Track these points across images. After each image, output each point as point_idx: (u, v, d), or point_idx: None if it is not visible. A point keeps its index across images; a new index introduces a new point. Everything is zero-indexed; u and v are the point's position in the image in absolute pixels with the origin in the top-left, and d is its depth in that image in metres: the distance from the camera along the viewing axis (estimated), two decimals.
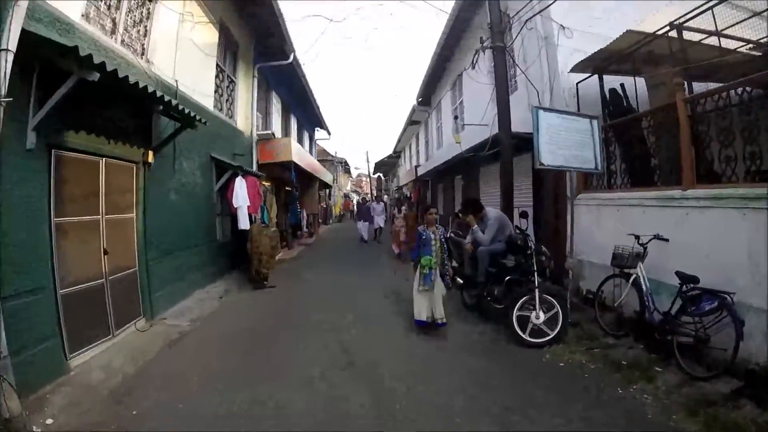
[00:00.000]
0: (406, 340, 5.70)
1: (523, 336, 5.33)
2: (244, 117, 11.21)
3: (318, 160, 22.74)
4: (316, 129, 23.91)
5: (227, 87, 10.30)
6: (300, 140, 19.19)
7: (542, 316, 5.35)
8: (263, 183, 11.68)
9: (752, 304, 4.12)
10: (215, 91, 9.40)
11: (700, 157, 5.32)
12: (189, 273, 7.45)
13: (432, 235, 5.82)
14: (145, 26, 6.55)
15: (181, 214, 7.22)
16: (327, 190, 28.11)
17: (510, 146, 7.81)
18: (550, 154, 5.72)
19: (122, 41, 5.92)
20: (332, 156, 36.32)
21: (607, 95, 7.41)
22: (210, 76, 9.01)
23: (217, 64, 9.44)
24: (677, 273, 4.62)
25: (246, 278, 8.78)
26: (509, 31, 8.40)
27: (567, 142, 5.90)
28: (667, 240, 5.18)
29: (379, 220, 17.87)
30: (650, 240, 5.28)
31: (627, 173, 6.82)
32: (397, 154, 34.11)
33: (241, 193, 8.44)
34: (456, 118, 9.86)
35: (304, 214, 18.53)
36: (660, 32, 6.17)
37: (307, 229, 19.13)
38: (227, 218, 9.25)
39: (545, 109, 5.96)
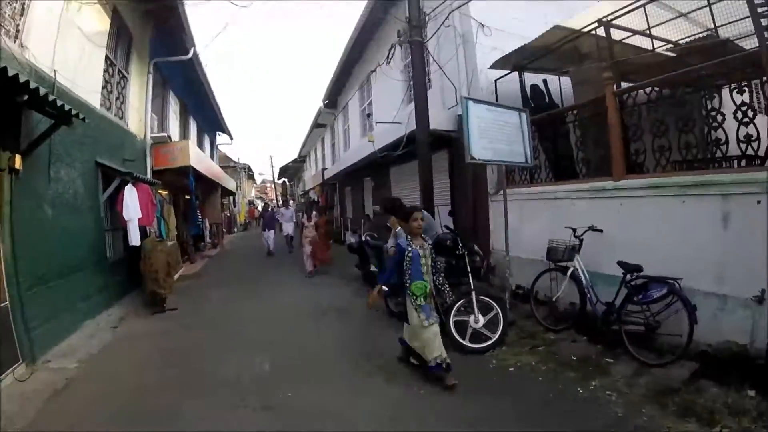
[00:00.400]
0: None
1: (464, 342, 5.01)
2: (138, 118, 9.98)
3: (220, 167, 21.41)
4: (217, 133, 22.45)
5: (118, 83, 9.08)
6: (200, 145, 17.89)
7: (482, 320, 5.08)
8: (159, 192, 10.55)
9: (699, 289, 4.24)
10: (104, 87, 8.20)
11: (627, 149, 5.40)
12: (75, 301, 6.30)
13: (419, 251, 4.28)
14: (23, 4, 5.48)
15: (61, 232, 6.07)
16: (231, 198, 26.60)
17: (428, 143, 7.58)
18: (481, 149, 5.44)
19: None
20: (235, 162, 34.69)
21: (528, 91, 7.43)
22: (98, 70, 7.83)
23: (107, 57, 8.24)
24: (620, 263, 4.63)
25: (144, 300, 7.72)
26: (425, 28, 8.12)
27: (497, 136, 5.68)
28: (601, 231, 5.25)
29: (288, 228, 16.09)
30: (585, 232, 5.32)
31: (550, 168, 6.91)
32: (302, 159, 33.35)
33: (131, 204, 7.37)
34: (369, 115, 9.47)
35: (207, 224, 17.22)
36: (587, 29, 6.18)
37: (210, 239, 17.80)
38: (119, 233, 8.06)
39: (475, 101, 5.67)
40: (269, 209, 19.34)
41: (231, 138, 22.68)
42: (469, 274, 5.28)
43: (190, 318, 7.05)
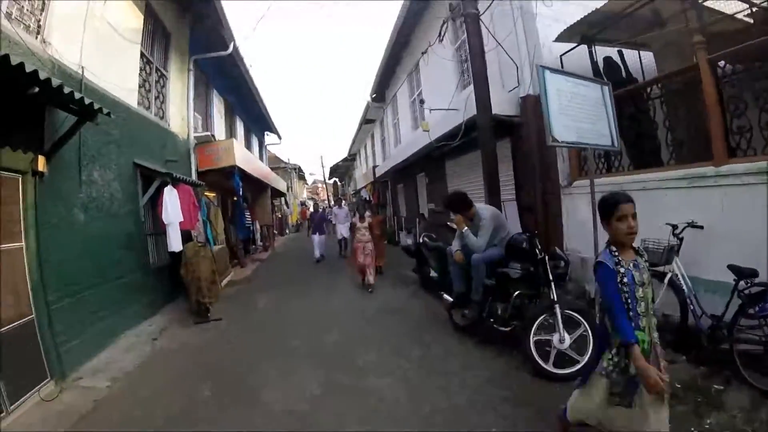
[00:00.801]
0: None
1: (546, 367, 4.09)
2: (180, 118, 9.62)
3: (270, 168, 21.15)
4: (265, 133, 22.28)
5: (157, 82, 8.73)
6: (248, 146, 17.63)
7: (567, 339, 4.17)
8: (205, 194, 10.15)
9: None
10: (141, 86, 7.88)
11: (727, 128, 4.41)
12: (112, 312, 5.87)
13: (634, 273, 2.37)
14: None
15: (96, 238, 5.65)
16: (282, 199, 26.45)
17: (490, 127, 6.68)
18: (563, 128, 4.52)
19: (9, 14, 4.50)
20: (285, 162, 34.70)
21: (601, 65, 6.46)
22: (133, 68, 7.47)
23: (143, 54, 7.89)
24: (731, 267, 3.72)
25: (189, 309, 7.22)
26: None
27: (579, 113, 4.75)
28: (701, 227, 4.36)
29: (343, 229, 13.71)
30: (684, 229, 4.38)
31: (629, 153, 5.93)
32: (352, 157, 33.01)
33: (171, 206, 6.90)
34: (422, 102, 8.68)
35: (257, 226, 16.92)
36: None
37: (261, 242, 17.52)
38: (163, 238, 7.62)
39: (553, 70, 4.74)
40: (318, 209, 15.76)
41: (279, 138, 22.41)
42: (552, 283, 4.40)
43: (235, 328, 6.46)
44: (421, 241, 7.94)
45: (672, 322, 4.41)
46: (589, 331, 4.12)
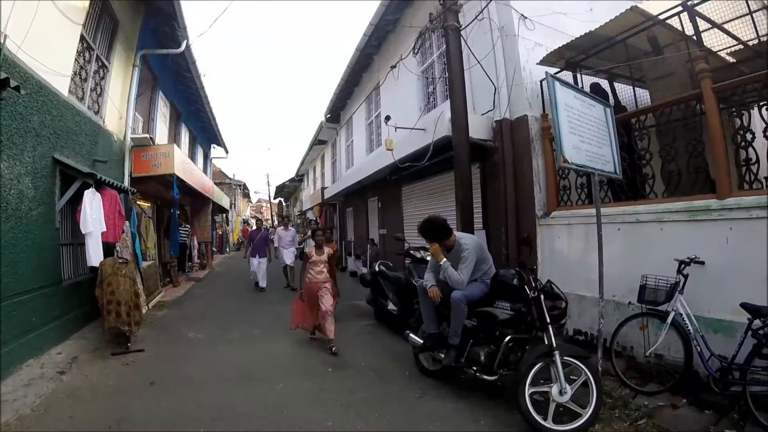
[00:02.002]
0: None
1: (545, 424, 3.44)
2: (117, 115, 8.58)
3: (215, 183, 19.98)
4: (212, 146, 21.12)
5: (96, 72, 7.73)
6: (192, 156, 16.46)
7: (569, 391, 3.55)
8: (137, 202, 9.06)
9: None
10: (76, 74, 6.94)
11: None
12: (12, 336, 4.75)
13: None
14: None
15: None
16: (223, 215, 25.11)
17: (468, 148, 6.28)
18: (573, 149, 3.99)
19: None
20: (230, 179, 33.42)
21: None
22: (69, 51, 6.50)
23: (83, 38, 6.92)
24: (744, 305, 3.51)
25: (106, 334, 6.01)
26: (460, 12, 6.81)
27: (588, 135, 4.24)
28: (702, 263, 4.13)
29: (288, 256, 11.36)
30: (686, 265, 4.12)
31: (609, 185, 5.67)
32: (299, 178, 32.24)
33: (91, 213, 5.84)
34: (387, 119, 8.06)
35: (195, 243, 15.68)
36: (666, 14, 5.20)
37: (198, 260, 16.23)
38: (81, 248, 6.45)
39: (562, 82, 4.18)
40: (262, 228, 12.34)
41: (227, 151, 21.37)
42: (548, 326, 3.80)
43: (157, 367, 5.23)
44: (377, 269, 7.34)
45: (673, 364, 4.16)
46: (592, 380, 3.56)
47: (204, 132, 18.16)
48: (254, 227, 12.06)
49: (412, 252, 6.91)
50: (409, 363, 5.16)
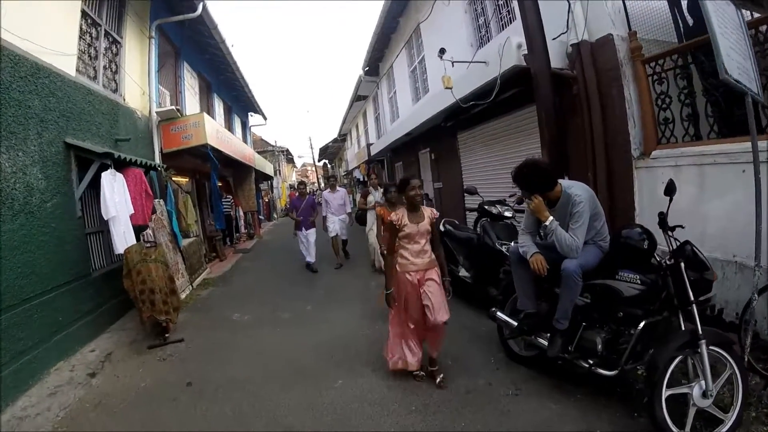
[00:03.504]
0: None
1: None
2: (139, 92, 8.10)
3: (257, 152, 19.61)
4: (249, 114, 20.63)
5: (108, 49, 7.22)
6: (230, 127, 16.04)
7: (713, 391, 2.71)
8: (174, 179, 8.68)
9: None
10: (84, 52, 6.43)
11: None
12: (40, 339, 4.50)
13: None
14: None
15: (5, 245, 4.23)
16: (268, 182, 24.94)
17: (549, 75, 5.34)
18: (734, 64, 2.99)
19: None
20: (272, 145, 33.16)
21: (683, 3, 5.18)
22: (69, 29, 5.93)
23: (86, 13, 6.38)
24: None
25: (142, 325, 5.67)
26: None
27: (732, 40, 3.13)
28: None
29: (338, 224, 9.42)
30: None
31: (714, 117, 4.53)
32: (342, 138, 31.64)
33: (112, 197, 5.41)
34: (442, 52, 7.13)
35: (241, 213, 15.45)
36: None
37: (245, 229, 16.06)
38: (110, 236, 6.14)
39: None
40: (306, 193, 9.75)
41: (265, 118, 20.76)
42: (693, 306, 2.86)
43: (197, 360, 4.78)
44: (442, 228, 6.34)
45: None
46: (738, 375, 2.80)
47: (238, 101, 17.64)
48: (296, 192, 9.71)
49: (487, 207, 5.89)
50: (493, 346, 4.40)
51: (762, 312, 3.53)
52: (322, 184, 46.69)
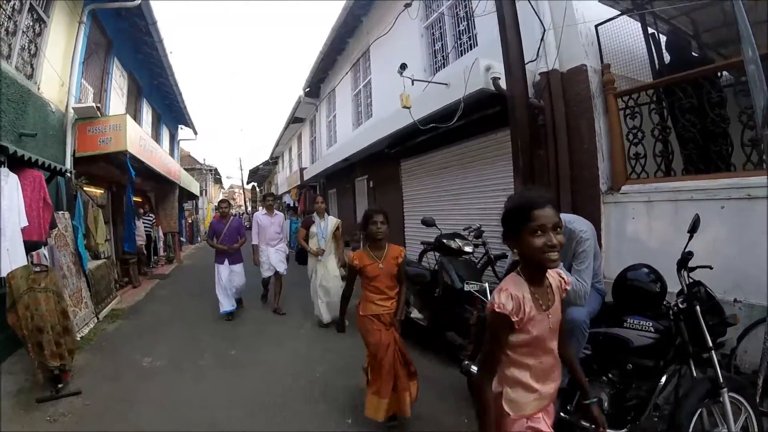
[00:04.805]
0: None
1: None
2: (58, 82, 6.91)
3: (185, 169, 18.14)
4: (179, 127, 19.19)
5: (31, 27, 6.16)
6: (157, 138, 14.67)
7: None
8: (86, 189, 7.43)
9: None
10: (0, 24, 5.42)
11: None
12: None
13: None
14: None
15: None
16: (193, 202, 23.28)
17: (526, 98, 4.99)
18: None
19: None
20: (201, 164, 31.45)
21: (663, 41, 5.29)
22: None
23: None
24: None
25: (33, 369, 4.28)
26: None
27: None
28: None
29: (274, 256, 7.23)
30: None
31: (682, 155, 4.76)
32: (274, 160, 30.68)
33: (3, 203, 4.28)
34: (403, 68, 6.57)
35: (161, 233, 13.98)
36: None
37: (165, 252, 14.55)
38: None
39: None
40: (229, 215, 7.58)
41: (195, 132, 19.39)
42: (713, 352, 2.51)
43: (99, 423, 3.61)
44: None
45: None
46: (755, 421, 2.52)
47: (170, 111, 16.28)
48: (218, 214, 7.46)
49: (445, 241, 5.16)
50: (464, 403, 3.67)
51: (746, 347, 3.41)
52: (249, 209, 44.94)
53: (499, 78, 5.36)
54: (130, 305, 8.02)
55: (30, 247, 4.79)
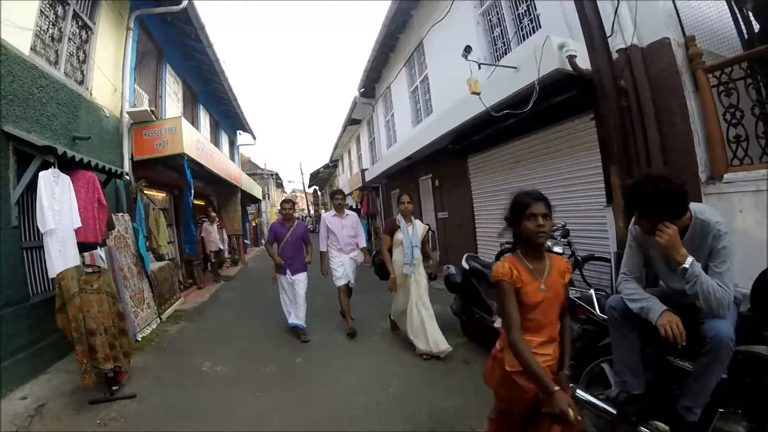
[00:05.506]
0: None
1: None
2: (111, 88, 6.99)
3: (248, 174, 18.44)
4: (238, 132, 19.55)
5: (77, 34, 6.23)
6: (217, 143, 14.88)
7: None
8: (146, 192, 7.47)
9: None
10: (44, 31, 5.41)
11: None
12: None
13: None
14: None
15: None
16: (257, 205, 23.71)
17: (613, 79, 4.37)
18: None
19: None
20: (262, 169, 32.07)
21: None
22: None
23: None
24: None
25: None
26: None
27: None
28: None
29: (349, 266, 6.00)
30: None
31: None
32: (334, 163, 30.63)
33: (52, 204, 4.16)
34: (468, 51, 6.04)
35: (225, 236, 14.18)
36: None
37: (229, 255, 14.76)
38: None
39: None
40: (295, 217, 6.31)
41: (254, 137, 19.67)
42: None
43: (154, 422, 3.52)
44: (466, 266, 5.12)
45: None
46: None
47: (227, 116, 16.57)
48: (281, 216, 6.26)
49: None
50: None
51: None
52: (312, 212, 45.44)
53: (575, 56, 4.81)
54: (194, 306, 8.04)
55: (86, 248, 4.76)
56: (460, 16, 8.29)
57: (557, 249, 4.43)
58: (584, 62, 4.73)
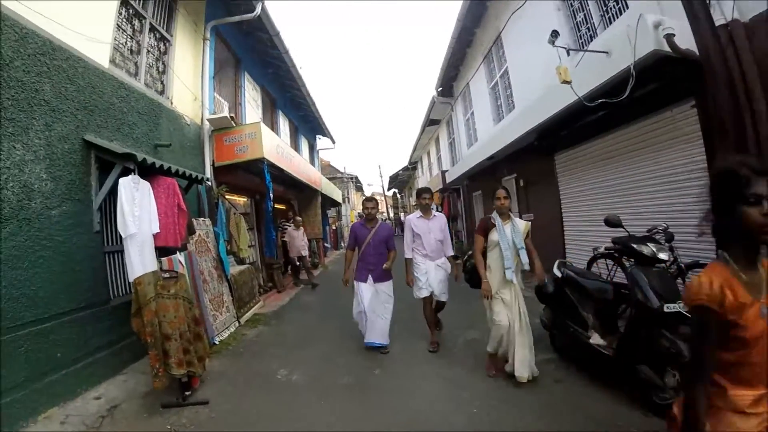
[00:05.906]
0: None
1: None
2: (191, 97, 7.19)
3: (327, 178, 18.71)
4: (317, 137, 19.89)
5: (155, 46, 6.42)
6: (296, 148, 15.20)
7: None
8: (226, 196, 7.60)
9: None
10: (124, 45, 5.64)
11: None
12: (24, 376, 3.44)
13: None
14: None
15: None
16: (337, 209, 24.01)
17: (720, 50, 3.86)
18: None
19: None
20: (341, 172, 32.50)
21: None
22: (103, 12, 5.08)
23: (127, 2, 5.61)
24: None
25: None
26: None
27: None
28: None
29: (434, 275, 5.19)
30: None
31: None
32: (413, 165, 30.49)
33: (132, 209, 4.26)
34: (555, 35, 5.58)
35: (305, 240, 14.36)
36: None
37: (309, 258, 14.92)
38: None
39: None
40: (377, 219, 5.63)
41: (333, 141, 19.92)
42: None
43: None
44: (558, 274, 4.61)
45: None
46: None
47: (306, 122, 16.86)
48: (362, 217, 5.68)
49: (636, 246, 3.79)
50: None
51: None
52: (392, 214, 45.40)
53: (674, 35, 4.25)
54: (273, 310, 8.06)
55: (167, 252, 4.83)
56: (540, 4, 7.76)
57: (662, 255, 3.76)
58: (683, 42, 4.17)
